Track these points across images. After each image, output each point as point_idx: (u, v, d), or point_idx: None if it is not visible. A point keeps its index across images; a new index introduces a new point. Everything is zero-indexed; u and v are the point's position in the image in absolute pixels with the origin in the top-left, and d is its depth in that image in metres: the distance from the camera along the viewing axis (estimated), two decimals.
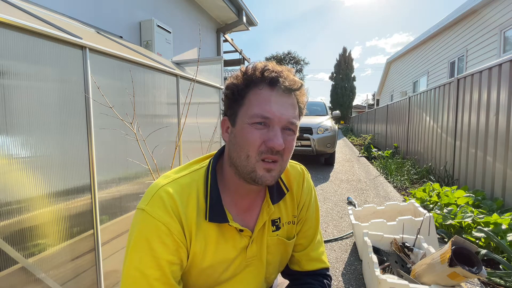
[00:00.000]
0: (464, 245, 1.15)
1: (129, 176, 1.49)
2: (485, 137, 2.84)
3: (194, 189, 0.59)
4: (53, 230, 1.09)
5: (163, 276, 0.53)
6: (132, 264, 0.53)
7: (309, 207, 0.72)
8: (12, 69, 0.95)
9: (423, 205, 2.84)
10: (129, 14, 2.99)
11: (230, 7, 4.63)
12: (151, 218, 0.53)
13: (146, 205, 0.54)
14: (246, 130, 0.55)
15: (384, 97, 16.37)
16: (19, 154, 0.97)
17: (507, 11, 5.34)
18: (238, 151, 0.56)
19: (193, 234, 0.57)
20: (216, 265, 0.60)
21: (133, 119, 1.42)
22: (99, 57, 1.29)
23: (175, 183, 0.58)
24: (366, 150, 7.20)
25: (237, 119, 0.57)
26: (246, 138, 0.55)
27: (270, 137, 0.54)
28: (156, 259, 0.52)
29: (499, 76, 2.62)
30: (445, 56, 7.86)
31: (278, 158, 0.56)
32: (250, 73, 0.57)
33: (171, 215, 0.54)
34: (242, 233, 0.62)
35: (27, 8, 1.30)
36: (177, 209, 0.55)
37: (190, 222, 0.56)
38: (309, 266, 0.72)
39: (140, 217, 0.54)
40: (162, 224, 0.53)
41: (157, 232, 0.53)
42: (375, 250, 1.56)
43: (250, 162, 0.55)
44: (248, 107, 0.55)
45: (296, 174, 0.72)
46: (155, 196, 0.55)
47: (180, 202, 0.56)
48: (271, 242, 0.66)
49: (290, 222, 0.69)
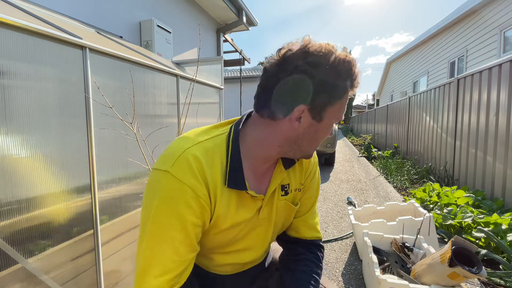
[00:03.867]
0: (464, 245, 1.15)
1: (129, 176, 1.49)
2: (485, 137, 2.84)
3: (217, 154, 0.58)
4: (53, 230, 1.09)
5: (187, 238, 0.54)
6: (157, 226, 0.53)
7: (313, 177, 0.77)
8: (12, 69, 0.95)
9: (423, 205, 2.84)
10: (129, 14, 2.99)
11: (230, 7, 4.63)
12: (177, 181, 0.52)
13: (171, 167, 0.53)
14: (329, 128, 0.60)
15: (384, 97, 16.37)
16: (19, 154, 0.97)
17: (507, 11, 5.34)
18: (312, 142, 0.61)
19: (217, 198, 0.58)
20: (234, 226, 0.63)
21: (133, 119, 1.42)
22: (99, 57, 1.29)
23: (200, 147, 0.57)
24: (366, 150, 7.20)
25: (324, 115, 0.57)
26: (325, 134, 0.61)
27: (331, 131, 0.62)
28: (182, 222, 0.53)
29: (499, 76, 2.62)
30: (445, 56, 7.86)
31: None
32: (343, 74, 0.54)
33: (198, 179, 0.54)
34: (256, 198, 0.64)
35: (27, 8, 1.30)
36: (204, 173, 0.55)
37: (215, 186, 0.57)
38: (306, 233, 0.77)
39: (164, 179, 0.53)
40: (189, 188, 0.53)
41: (184, 196, 0.52)
42: (375, 250, 1.56)
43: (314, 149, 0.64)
44: (339, 108, 0.58)
45: None
46: (181, 159, 0.54)
47: (206, 166, 0.55)
48: (279, 205, 0.70)
49: (297, 189, 0.73)
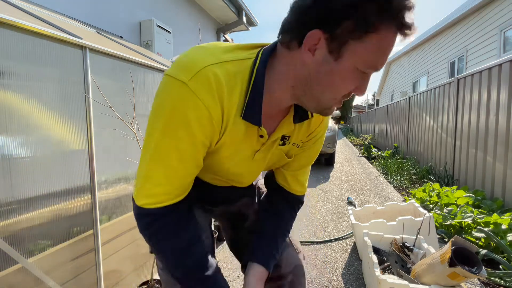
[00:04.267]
0: (464, 245, 1.15)
1: (129, 176, 1.49)
2: (485, 137, 2.84)
3: (239, 81, 0.53)
4: (53, 230, 1.09)
5: (194, 152, 0.54)
6: (167, 136, 0.51)
7: (316, 140, 0.75)
8: (12, 69, 0.95)
9: (423, 205, 2.84)
10: (129, 14, 2.99)
11: (230, 7, 4.63)
12: (194, 97, 0.49)
13: (190, 80, 0.48)
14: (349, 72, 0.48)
15: (384, 97, 16.37)
16: (19, 154, 0.97)
17: (507, 11, 5.34)
18: (325, 88, 0.51)
19: (229, 125, 0.55)
20: (232, 156, 0.63)
21: (133, 119, 1.42)
22: (99, 57, 1.29)
23: (222, 67, 0.51)
24: (366, 150, 7.20)
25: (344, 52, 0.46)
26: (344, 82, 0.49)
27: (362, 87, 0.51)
28: (192, 137, 0.52)
29: (499, 76, 2.62)
30: (445, 56, 7.86)
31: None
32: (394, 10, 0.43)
33: (216, 100, 0.51)
34: (260, 139, 0.62)
35: (27, 8, 1.30)
36: (223, 96, 0.51)
37: (230, 113, 0.54)
38: (294, 186, 0.80)
39: (180, 92, 0.49)
40: (205, 108, 0.50)
41: (198, 113, 0.50)
42: (375, 250, 1.56)
43: (331, 102, 0.54)
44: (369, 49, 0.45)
45: None
46: (202, 74, 0.49)
47: (226, 91, 0.51)
48: (275, 152, 0.69)
49: (295, 144, 0.71)
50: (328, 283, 1.66)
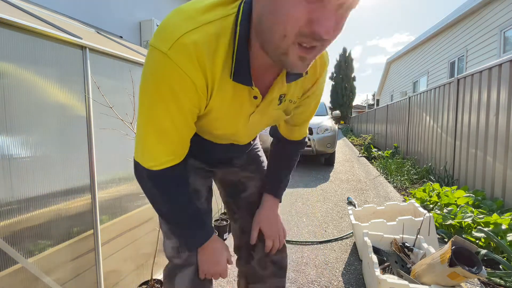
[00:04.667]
0: (464, 245, 1.15)
1: (129, 176, 1.49)
2: (485, 137, 2.84)
3: (222, 41, 0.50)
4: (53, 230, 1.09)
5: (185, 119, 0.57)
6: (158, 110, 0.53)
7: (314, 96, 0.74)
8: (12, 69, 0.95)
9: (423, 205, 2.84)
10: (129, 14, 2.99)
11: None
12: (176, 67, 0.48)
13: (169, 49, 0.47)
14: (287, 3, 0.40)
15: (384, 97, 16.37)
16: (19, 154, 0.97)
17: (507, 11, 5.34)
18: (272, 23, 0.43)
19: (214, 90, 0.55)
20: (224, 118, 0.63)
21: (133, 119, 1.42)
22: (99, 57, 1.29)
23: (201, 31, 0.48)
24: (366, 150, 7.20)
25: None
26: (287, 11, 0.40)
27: (320, 18, 0.40)
28: (180, 106, 0.53)
29: (499, 76, 2.62)
30: (445, 56, 7.86)
31: (319, 44, 0.44)
32: None
33: (197, 68, 0.49)
34: (254, 100, 0.61)
35: (27, 8, 1.30)
36: (204, 63, 0.50)
37: (214, 78, 0.53)
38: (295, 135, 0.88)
39: (163, 62, 0.48)
40: (188, 77, 0.50)
41: (182, 84, 0.50)
42: (375, 250, 1.56)
43: (284, 43, 0.44)
44: None
45: (318, 63, 0.66)
46: (180, 42, 0.47)
47: (207, 56, 0.49)
48: (273, 112, 0.68)
49: (292, 100, 0.69)
50: (328, 283, 1.66)
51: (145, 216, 1.61)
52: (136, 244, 1.54)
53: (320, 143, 5.02)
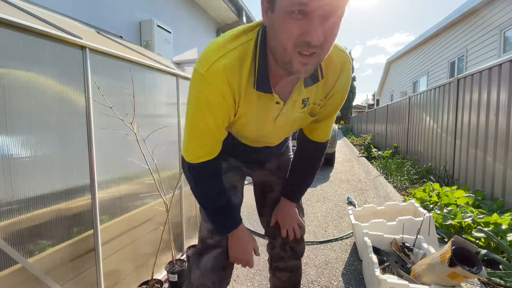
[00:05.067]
0: (464, 245, 1.15)
1: (129, 176, 1.49)
2: (485, 137, 2.84)
3: (246, 61, 0.66)
4: (53, 230, 1.09)
5: (218, 125, 0.71)
6: (198, 119, 0.69)
7: (337, 96, 0.80)
8: (12, 69, 0.95)
9: (423, 205, 2.84)
10: (129, 14, 2.99)
11: (230, 7, 4.63)
12: (210, 84, 0.64)
13: (205, 72, 0.63)
14: (283, 20, 0.52)
15: (384, 97, 16.37)
16: (19, 154, 0.97)
17: (507, 11, 5.34)
18: (276, 41, 0.58)
19: (241, 100, 0.70)
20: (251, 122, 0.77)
21: (133, 119, 1.42)
22: (99, 57, 1.29)
23: (229, 56, 0.64)
24: (366, 150, 7.21)
25: (275, 3, 0.53)
26: (282, 30, 0.53)
27: (308, 29, 0.51)
28: (214, 115, 0.68)
29: (499, 76, 2.62)
30: (445, 56, 7.86)
31: (317, 50, 0.54)
32: None
33: (226, 85, 0.64)
34: (277, 105, 0.73)
35: (27, 8, 1.30)
36: (231, 81, 0.65)
37: (240, 91, 0.68)
38: (318, 138, 0.93)
39: (200, 81, 0.65)
40: (219, 92, 0.65)
41: (215, 98, 0.66)
42: (375, 250, 1.56)
43: (286, 55, 0.56)
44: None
45: (337, 62, 0.73)
46: (213, 66, 0.63)
47: (234, 75, 0.65)
48: (297, 115, 0.79)
49: (316, 103, 0.79)
50: (328, 283, 1.66)
51: (145, 216, 1.61)
52: (136, 244, 1.54)
53: None
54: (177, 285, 1.61)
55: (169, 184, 1.82)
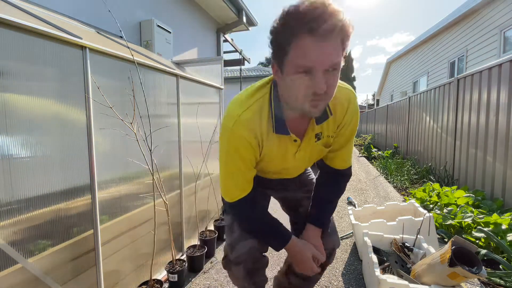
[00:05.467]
0: (464, 245, 1.15)
1: (129, 176, 1.49)
2: (485, 137, 2.84)
3: (264, 112, 0.81)
4: (53, 230, 1.09)
5: (247, 166, 0.85)
6: (230, 164, 0.84)
7: (348, 127, 0.92)
8: (12, 69, 0.95)
9: (423, 205, 2.84)
10: (129, 14, 2.99)
11: (230, 7, 4.63)
12: (237, 135, 0.79)
13: (232, 126, 0.79)
14: (293, 79, 0.67)
15: (384, 97, 16.37)
16: (19, 154, 0.97)
17: (507, 11, 5.34)
18: (288, 93, 0.72)
19: (264, 143, 0.84)
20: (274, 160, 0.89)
21: (133, 119, 1.42)
22: (99, 57, 1.29)
23: (250, 110, 0.80)
24: (366, 150, 7.21)
25: (284, 67, 0.69)
26: (293, 86, 0.68)
27: (314, 84, 0.65)
28: (242, 159, 0.83)
29: (499, 76, 2.62)
30: (445, 56, 7.86)
31: (322, 95, 0.68)
32: (294, 21, 0.62)
33: (250, 134, 0.80)
34: (295, 143, 0.86)
35: (27, 8, 1.30)
36: (254, 130, 0.80)
37: (262, 136, 0.82)
38: (338, 165, 1.01)
39: (229, 134, 0.80)
40: (246, 140, 0.80)
41: (242, 145, 0.80)
42: (375, 250, 1.56)
43: (298, 102, 0.71)
44: (293, 58, 0.65)
45: (343, 99, 0.86)
46: (238, 120, 0.79)
47: (255, 124, 0.80)
48: (314, 148, 0.91)
49: (329, 136, 0.91)
50: (328, 283, 1.66)
51: (145, 216, 1.61)
52: (136, 244, 1.54)
53: None
54: (177, 285, 1.61)
55: (169, 184, 1.82)
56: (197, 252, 1.83)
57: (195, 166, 2.12)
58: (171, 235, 1.63)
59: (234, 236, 0.99)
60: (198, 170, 2.15)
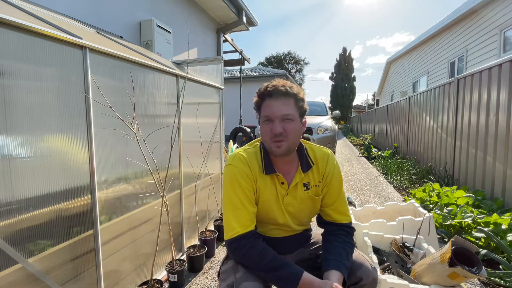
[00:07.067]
0: (464, 245, 1.15)
1: (129, 176, 1.49)
2: (485, 137, 2.84)
3: (257, 155, 1.02)
4: (53, 230, 1.09)
5: (247, 198, 0.96)
6: (231, 194, 0.95)
7: (332, 177, 1.05)
8: (12, 69, 0.95)
9: (423, 205, 2.84)
10: (129, 14, 2.99)
11: (230, 7, 4.63)
12: (237, 168, 0.97)
13: (232, 161, 0.99)
14: (262, 125, 0.97)
15: (384, 97, 16.37)
16: (19, 154, 0.97)
17: (507, 11, 5.34)
18: (263, 137, 0.99)
19: (258, 180, 0.99)
20: (268, 199, 1.00)
21: (133, 119, 1.42)
22: (99, 57, 1.29)
23: (246, 152, 1.02)
24: (366, 150, 7.21)
25: (260, 118, 0.99)
26: (263, 130, 0.97)
27: (272, 128, 0.93)
28: (243, 189, 0.95)
29: (499, 76, 2.62)
30: (445, 56, 7.86)
31: (283, 138, 0.93)
32: (261, 92, 0.97)
33: (247, 167, 0.98)
34: (283, 186, 1.00)
35: (27, 8, 1.30)
36: (249, 164, 0.98)
37: (256, 175, 0.99)
38: (337, 218, 1.06)
39: (230, 169, 0.98)
40: (243, 171, 0.97)
41: (241, 175, 0.96)
42: (375, 250, 1.56)
43: (267, 143, 0.96)
44: (262, 112, 0.97)
45: (323, 155, 1.07)
46: (237, 157, 1.00)
47: (250, 161, 0.99)
48: (304, 196, 1.03)
49: (317, 185, 1.05)
50: None
51: (145, 216, 1.61)
52: (136, 244, 1.54)
53: (320, 143, 5.01)
54: (177, 285, 1.61)
55: (169, 184, 1.82)
56: (197, 252, 1.83)
57: (195, 166, 2.12)
58: (171, 235, 1.63)
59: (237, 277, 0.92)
60: (198, 170, 2.15)
